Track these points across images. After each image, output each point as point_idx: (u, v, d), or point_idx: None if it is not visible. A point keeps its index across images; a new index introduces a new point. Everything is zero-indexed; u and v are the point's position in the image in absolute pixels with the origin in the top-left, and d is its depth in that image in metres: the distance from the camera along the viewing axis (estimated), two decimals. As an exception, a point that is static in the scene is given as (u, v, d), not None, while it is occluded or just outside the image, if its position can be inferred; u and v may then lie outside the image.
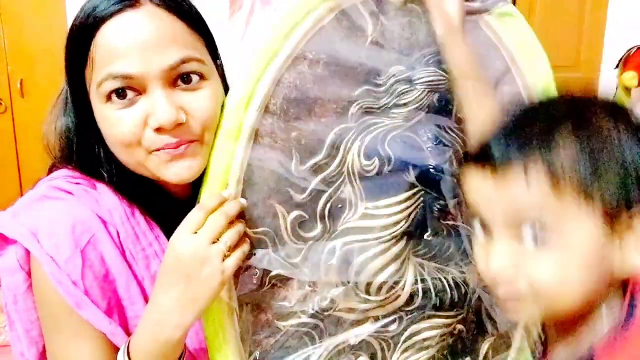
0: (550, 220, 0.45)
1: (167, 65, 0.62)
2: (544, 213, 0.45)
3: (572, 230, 0.45)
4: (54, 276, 0.63)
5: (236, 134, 0.66)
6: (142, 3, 0.62)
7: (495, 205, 0.48)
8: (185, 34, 0.64)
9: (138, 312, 0.68)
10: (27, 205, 0.68)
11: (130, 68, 0.61)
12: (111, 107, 0.63)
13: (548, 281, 0.46)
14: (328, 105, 0.68)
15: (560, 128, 0.46)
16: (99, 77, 0.62)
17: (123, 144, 0.65)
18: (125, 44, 0.61)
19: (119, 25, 0.61)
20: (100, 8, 0.62)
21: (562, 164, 0.44)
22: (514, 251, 0.48)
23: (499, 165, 0.47)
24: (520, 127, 0.48)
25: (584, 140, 0.45)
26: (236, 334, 0.71)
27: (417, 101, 0.72)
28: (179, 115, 0.63)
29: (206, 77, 0.66)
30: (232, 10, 2.53)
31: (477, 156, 0.50)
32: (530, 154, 0.45)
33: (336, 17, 0.67)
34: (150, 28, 0.62)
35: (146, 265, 0.70)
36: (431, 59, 0.72)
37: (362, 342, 0.78)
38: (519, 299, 0.49)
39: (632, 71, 2.35)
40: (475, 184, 0.50)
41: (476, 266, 0.54)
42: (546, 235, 0.46)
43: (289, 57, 0.66)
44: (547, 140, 0.45)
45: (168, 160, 0.65)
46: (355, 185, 0.71)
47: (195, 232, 0.61)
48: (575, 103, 0.49)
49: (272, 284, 0.71)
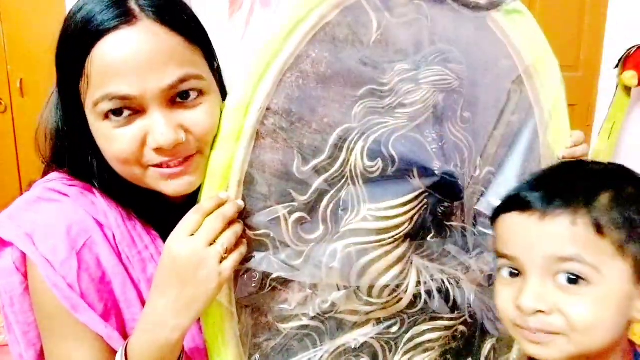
0: (589, 260, 0.53)
1: (166, 85, 0.61)
2: (583, 254, 0.53)
3: (609, 274, 0.53)
4: (50, 279, 0.63)
5: (237, 135, 0.65)
6: (139, 18, 0.60)
7: (536, 247, 0.55)
8: (183, 50, 0.63)
9: (135, 315, 0.68)
10: (23, 208, 0.68)
11: (128, 89, 0.60)
12: (108, 125, 0.62)
13: (585, 317, 0.53)
14: (331, 105, 0.68)
15: (603, 191, 0.55)
16: (95, 96, 0.61)
17: (119, 161, 0.64)
18: (121, 63, 0.59)
19: (114, 43, 0.59)
20: (95, 22, 0.60)
21: (605, 220, 0.54)
22: (549, 289, 0.55)
23: (548, 213, 0.55)
24: (565, 182, 0.58)
25: (624, 209, 0.54)
26: (236, 337, 0.70)
27: (422, 101, 0.71)
28: (179, 135, 0.62)
29: (205, 92, 0.65)
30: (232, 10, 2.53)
31: (523, 203, 0.57)
32: (578, 207, 0.54)
33: (340, 14, 0.66)
34: (147, 47, 0.60)
35: (142, 269, 0.69)
36: (437, 57, 0.71)
37: (364, 345, 0.77)
38: (551, 333, 0.55)
39: (632, 71, 2.35)
40: (517, 228, 0.58)
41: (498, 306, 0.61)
42: (585, 276, 0.53)
43: (291, 56, 0.65)
44: (593, 199, 0.55)
45: (167, 177, 0.65)
46: (358, 186, 0.71)
47: (192, 234, 0.61)
48: (615, 172, 0.60)
49: (273, 286, 0.71)
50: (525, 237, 0.56)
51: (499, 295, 0.61)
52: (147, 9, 0.61)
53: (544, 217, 0.55)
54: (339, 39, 0.67)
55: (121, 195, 0.69)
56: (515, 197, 0.59)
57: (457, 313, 0.82)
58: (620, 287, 0.54)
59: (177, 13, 0.64)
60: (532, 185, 0.59)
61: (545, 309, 0.54)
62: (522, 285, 0.56)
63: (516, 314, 0.57)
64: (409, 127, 0.71)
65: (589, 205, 0.54)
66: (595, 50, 2.52)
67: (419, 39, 0.70)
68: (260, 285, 0.70)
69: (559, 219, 0.54)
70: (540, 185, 0.58)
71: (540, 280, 0.55)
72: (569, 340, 0.54)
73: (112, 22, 0.59)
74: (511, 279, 0.59)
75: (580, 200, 0.54)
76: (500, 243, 0.61)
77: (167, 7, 0.63)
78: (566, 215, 0.54)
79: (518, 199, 0.58)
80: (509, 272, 0.59)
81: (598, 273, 0.53)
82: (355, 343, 0.77)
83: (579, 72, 2.52)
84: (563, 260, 0.54)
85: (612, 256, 0.53)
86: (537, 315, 0.55)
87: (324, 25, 0.66)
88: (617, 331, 0.55)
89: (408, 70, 0.70)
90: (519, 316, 0.56)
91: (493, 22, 0.74)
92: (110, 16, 0.60)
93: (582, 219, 0.54)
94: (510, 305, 0.58)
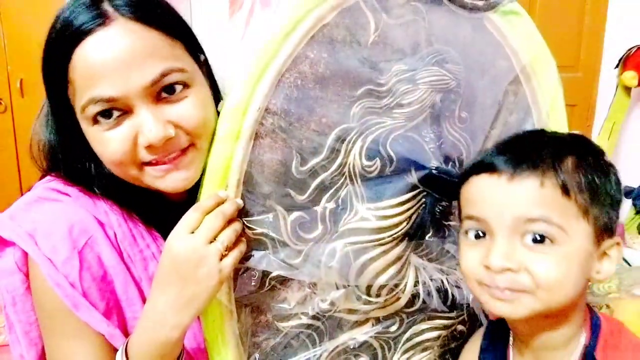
0: (555, 221, 0.55)
1: (148, 81, 0.61)
2: (551, 215, 0.55)
3: (573, 234, 0.56)
4: (52, 278, 0.63)
5: (236, 134, 0.66)
6: (113, 18, 0.61)
7: (505, 208, 0.57)
8: (162, 44, 0.63)
9: (136, 314, 0.68)
10: (25, 207, 0.68)
11: (111, 90, 0.60)
12: (99, 129, 0.63)
13: (551, 274, 0.55)
14: (329, 105, 0.68)
15: (568, 156, 0.57)
16: (81, 101, 0.61)
17: (114, 163, 0.65)
18: (101, 65, 0.59)
19: (92, 46, 0.60)
20: (72, 27, 0.60)
21: (571, 183, 0.56)
22: (516, 249, 0.56)
23: (516, 175, 0.56)
24: (532, 146, 0.59)
25: (587, 173, 0.57)
26: (235, 336, 0.70)
27: (419, 101, 0.71)
28: (167, 130, 0.62)
29: (190, 84, 0.65)
30: (232, 10, 2.53)
31: (492, 166, 0.59)
32: (546, 170, 0.56)
33: (338, 15, 0.67)
34: (124, 46, 0.60)
35: (144, 267, 0.70)
36: (434, 58, 0.71)
37: (363, 344, 0.78)
38: (518, 290, 0.56)
39: (632, 71, 2.34)
40: (486, 190, 0.59)
41: (463, 267, 0.63)
42: (551, 236, 0.55)
43: (289, 57, 0.65)
44: (560, 162, 0.56)
45: (163, 174, 0.65)
46: (357, 186, 0.71)
47: (192, 232, 0.61)
48: (577, 141, 0.62)
49: (272, 285, 0.71)
50: (494, 199, 0.58)
51: (464, 256, 0.62)
52: (120, 8, 0.61)
53: (512, 179, 0.56)
54: (337, 40, 0.67)
55: (121, 198, 0.70)
56: (484, 161, 0.60)
57: (456, 312, 0.82)
58: (583, 246, 0.56)
59: (152, 9, 0.64)
60: (501, 149, 0.60)
61: (513, 267, 0.56)
62: (489, 246, 0.58)
63: (484, 273, 0.58)
64: (407, 127, 0.71)
65: (556, 168, 0.56)
66: (595, 50, 2.51)
67: (416, 39, 0.71)
68: (259, 284, 0.70)
69: (527, 181, 0.56)
70: (508, 150, 0.60)
71: (508, 240, 0.57)
72: (535, 297, 0.56)
73: (88, 25, 0.60)
74: (477, 240, 0.60)
75: (547, 162, 0.56)
76: (467, 206, 0.62)
77: (141, 3, 0.63)
78: (534, 178, 0.56)
79: (487, 162, 0.60)
80: (475, 233, 0.61)
81: (564, 233, 0.55)
82: (354, 342, 0.77)
83: (579, 72, 2.51)
84: (531, 220, 0.55)
85: (577, 217, 0.56)
86: (505, 273, 0.56)
87: (322, 27, 0.66)
88: (578, 289, 0.57)
89: (405, 70, 0.70)
90: (487, 275, 0.58)
91: (490, 23, 0.74)
92: (85, 19, 0.60)
93: (550, 180, 0.55)
94: (477, 265, 0.59)
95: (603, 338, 0.60)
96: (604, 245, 0.58)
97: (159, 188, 0.67)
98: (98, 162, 0.67)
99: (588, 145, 0.61)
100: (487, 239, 0.59)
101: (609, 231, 0.58)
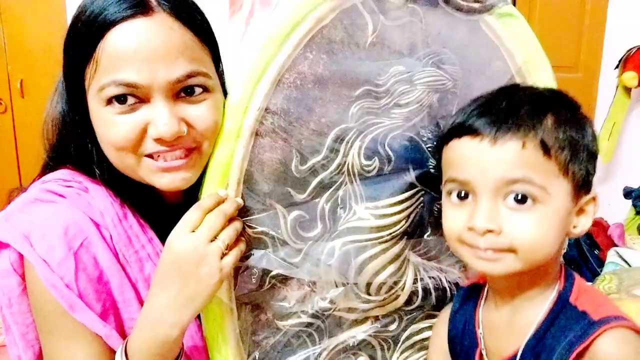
0: (537, 181, 0.56)
1: (174, 78, 0.62)
2: (533, 176, 0.56)
3: (554, 193, 0.56)
4: (47, 279, 0.63)
5: (236, 134, 0.66)
6: (156, 11, 0.62)
7: (488, 171, 0.57)
8: (194, 47, 0.64)
9: (133, 315, 0.68)
10: (20, 209, 0.68)
11: (136, 77, 0.60)
12: (110, 111, 0.63)
13: (532, 234, 0.56)
14: (328, 105, 0.68)
15: (547, 114, 0.58)
16: (102, 81, 0.62)
17: (115, 147, 0.64)
18: (133, 51, 0.60)
19: (129, 31, 0.61)
20: (110, 11, 0.61)
21: (552, 141, 0.56)
22: (499, 210, 0.57)
23: (498, 137, 0.57)
24: (510, 107, 0.59)
25: (566, 129, 0.57)
26: (235, 334, 0.71)
27: (417, 101, 0.72)
28: (181, 127, 0.63)
29: (210, 90, 0.66)
30: (232, 10, 2.53)
31: (473, 130, 0.59)
32: (527, 131, 0.56)
33: (336, 17, 0.67)
34: (161, 38, 0.61)
35: (140, 268, 0.70)
36: (431, 59, 0.72)
37: (362, 342, 0.78)
38: (501, 250, 0.57)
39: (632, 71, 2.34)
40: (469, 153, 0.59)
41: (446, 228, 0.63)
42: (533, 196, 0.56)
43: (289, 57, 0.66)
44: (539, 122, 0.57)
45: (161, 170, 0.65)
46: (356, 185, 0.71)
47: (192, 231, 0.61)
48: (551, 96, 0.62)
49: (272, 284, 0.71)
50: (478, 162, 0.58)
51: (448, 218, 0.63)
52: (163, 3, 0.62)
53: (494, 142, 0.57)
54: (335, 41, 0.68)
55: (119, 188, 0.70)
56: (465, 123, 0.60)
57: (454, 311, 0.82)
58: (564, 204, 0.57)
59: (191, 11, 0.65)
60: (481, 111, 0.60)
61: (496, 228, 0.56)
62: (473, 207, 0.59)
63: (468, 234, 0.59)
64: (405, 126, 0.72)
65: (536, 128, 0.56)
66: (595, 51, 2.51)
67: (413, 41, 0.71)
68: (259, 282, 0.71)
69: (509, 143, 0.56)
70: (488, 111, 0.59)
71: (491, 202, 0.57)
72: (517, 257, 0.57)
73: (129, 11, 0.61)
74: (460, 201, 0.61)
75: (528, 124, 0.57)
76: (450, 168, 0.62)
77: (183, 4, 0.65)
78: (516, 140, 0.56)
79: (468, 125, 0.60)
80: (457, 194, 0.61)
81: (545, 193, 0.56)
82: (353, 341, 0.77)
83: (579, 73, 2.50)
84: (513, 182, 0.56)
85: (557, 175, 0.57)
86: (487, 235, 0.57)
87: (321, 28, 0.67)
88: (558, 245, 0.59)
89: (403, 71, 0.70)
90: (471, 236, 0.59)
91: (486, 25, 0.74)
92: (127, 5, 0.61)
93: (531, 142, 0.56)
94: (460, 226, 0.60)
95: (577, 286, 0.61)
96: (581, 201, 0.59)
97: (152, 184, 0.66)
98: (99, 147, 0.67)
99: (565, 100, 0.62)
100: (470, 200, 0.60)
101: (586, 186, 0.59)
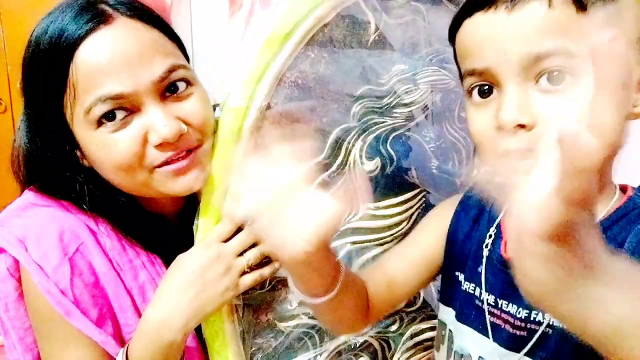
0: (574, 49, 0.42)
1: (157, 76, 0.60)
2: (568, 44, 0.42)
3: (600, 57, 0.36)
4: (42, 285, 0.62)
5: (237, 134, 0.66)
6: (115, 17, 0.60)
7: (508, 48, 0.45)
8: (164, 42, 0.63)
9: (128, 321, 0.67)
10: (15, 213, 0.67)
11: (121, 87, 0.58)
12: (103, 132, 0.60)
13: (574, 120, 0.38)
14: (330, 104, 0.68)
15: None
16: (86, 103, 0.59)
17: (122, 168, 0.62)
18: (108, 61, 0.58)
19: (97, 43, 0.58)
20: (70, 30, 0.58)
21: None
22: (529, 96, 0.44)
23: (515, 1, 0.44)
24: None
25: None
26: (236, 336, 0.70)
27: (419, 101, 0.71)
28: (180, 125, 0.61)
29: (192, 82, 0.65)
30: (232, 10, 2.52)
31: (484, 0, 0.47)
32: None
33: (338, 15, 0.67)
34: (130, 41, 0.59)
35: (134, 276, 0.69)
36: (434, 58, 0.72)
37: (364, 343, 0.78)
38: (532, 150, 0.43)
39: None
40: (482, 32, 0.47)
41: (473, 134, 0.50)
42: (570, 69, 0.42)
43: (290, 56, 0.66)
44: None
45: (174, 175, 0.64)
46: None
47: (223, 241, 0.64)
48: None
49: (273, 285, 0.71)
50: (494, 40, 0.46)
51: (472, 122, 0.50)
52: (118, 7, 0.61)
53: (512, 7, 0.44)
54: (337, 39, 0.67)
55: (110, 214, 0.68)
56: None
57: (456, 311, 0.82)
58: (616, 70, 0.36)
59: (146, 10, 0.64)
60: None
61: (529, 121, 0.44)
62: (500, 101, 0.46)
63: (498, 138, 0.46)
64: (407, 126, 0.72)
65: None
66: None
67: (416, 39, 0.71)
68: (261, 284, 0.70)
69: (530, 5, 0.44)
70: None
71: (520, 88, 0.45)
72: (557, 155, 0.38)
73: (90, 24, 0.58)
74: (483, 99, 0.48)
75: None
76: (465, 58, 0.50)
77: (136, 5, 0.63)
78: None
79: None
80: (479, 89, 0.49)
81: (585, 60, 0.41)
82: (354, 342, 0.77)
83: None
84: (544, 56, 0.43)
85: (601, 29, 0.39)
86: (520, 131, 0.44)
87: (322, 27, 0.66)
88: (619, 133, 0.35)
89: (405, 70, 0.70)
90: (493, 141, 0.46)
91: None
92: (85, 19, 0.59)
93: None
94: (488, 129, 0.47)
95: None
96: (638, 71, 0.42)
97: (168, 192, 0.65)
98: (87, 176, 0.65)
99: None
100: (495, 94, 0.47)
101: None
